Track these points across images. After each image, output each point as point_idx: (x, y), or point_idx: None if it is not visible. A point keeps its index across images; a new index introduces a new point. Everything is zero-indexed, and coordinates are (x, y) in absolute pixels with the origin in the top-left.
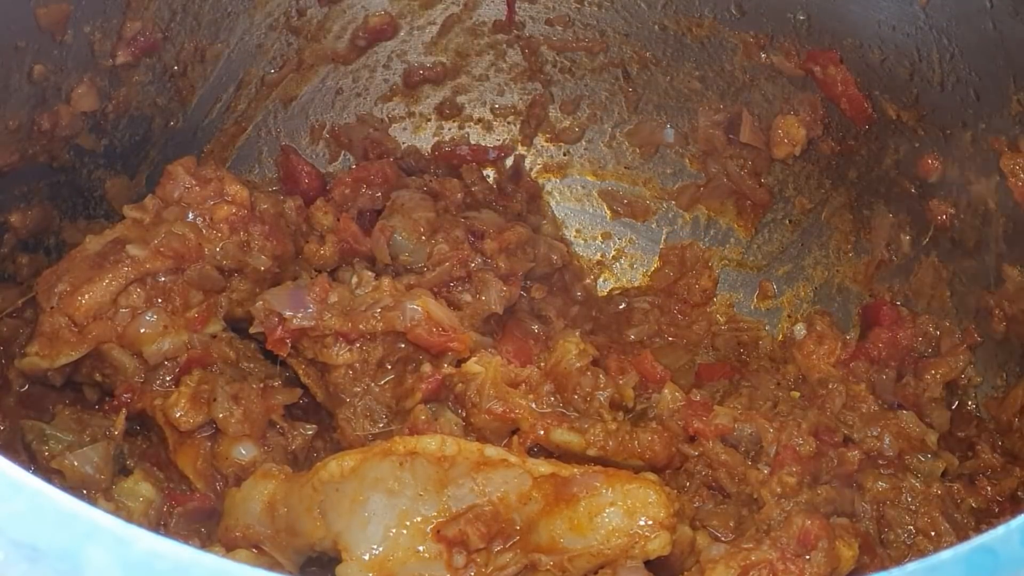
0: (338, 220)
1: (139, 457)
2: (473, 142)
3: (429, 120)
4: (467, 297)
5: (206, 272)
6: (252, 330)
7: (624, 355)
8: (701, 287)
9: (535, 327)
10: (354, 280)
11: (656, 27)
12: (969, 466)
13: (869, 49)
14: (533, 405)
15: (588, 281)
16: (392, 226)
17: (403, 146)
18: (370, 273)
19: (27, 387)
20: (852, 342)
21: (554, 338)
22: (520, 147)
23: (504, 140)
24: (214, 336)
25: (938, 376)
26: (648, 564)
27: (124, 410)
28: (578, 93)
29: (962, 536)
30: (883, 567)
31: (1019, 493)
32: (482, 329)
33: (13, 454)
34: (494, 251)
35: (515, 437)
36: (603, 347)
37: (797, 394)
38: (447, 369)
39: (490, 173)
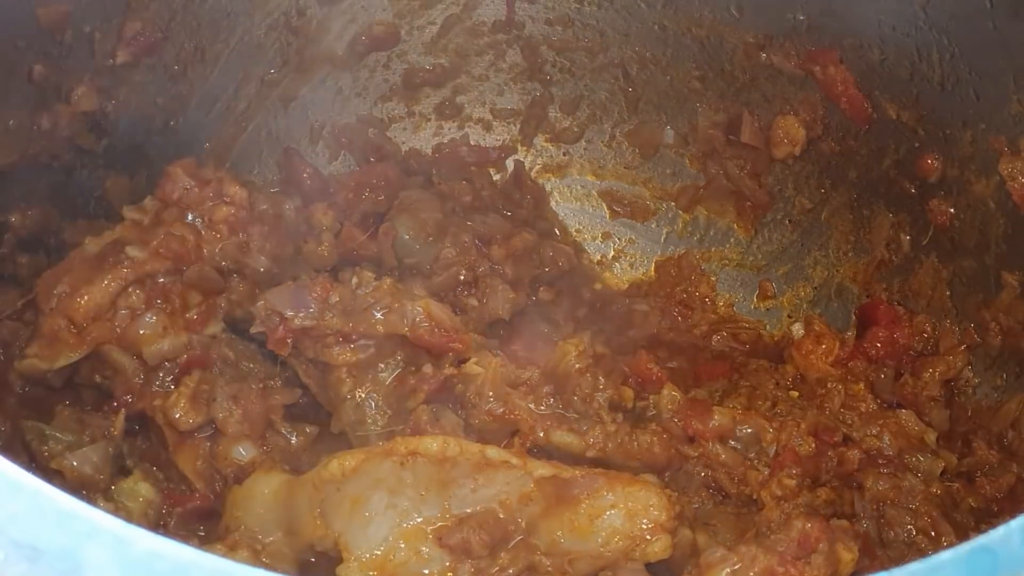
0: (340, 226)
1: (139, 457)
2: (473, 142)
3: (429, 120)
4: (473, 302)
5: (205, 273)
6: (253, 330)
7: (621, 356)
8: (701, 294)
9: (544, 329)
10: (354, 280)
11: (656, 27)
12: (967, 463)
13: (869, 49)
14: (532, 406)
15: (597, 284)
16: (397, 227)
17: (404, 148)
18: (370, 273)
19: (27, 388)
20: (850, 341)
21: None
22: (520, 147)
23: (504, 140)
24: (214, 337)
25: (936, 375)
26: (648, 566)
27: (123, 410)
28: (578, 93)
29: (962, 536)
30: (883, 568)
31: (1017, 490)
32: (488, 334)
33: (13, 454)
34: (501, 257)
35: (515, 438)
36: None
37: (796, 394)
38: (448, 370)
39: (492, 172)
